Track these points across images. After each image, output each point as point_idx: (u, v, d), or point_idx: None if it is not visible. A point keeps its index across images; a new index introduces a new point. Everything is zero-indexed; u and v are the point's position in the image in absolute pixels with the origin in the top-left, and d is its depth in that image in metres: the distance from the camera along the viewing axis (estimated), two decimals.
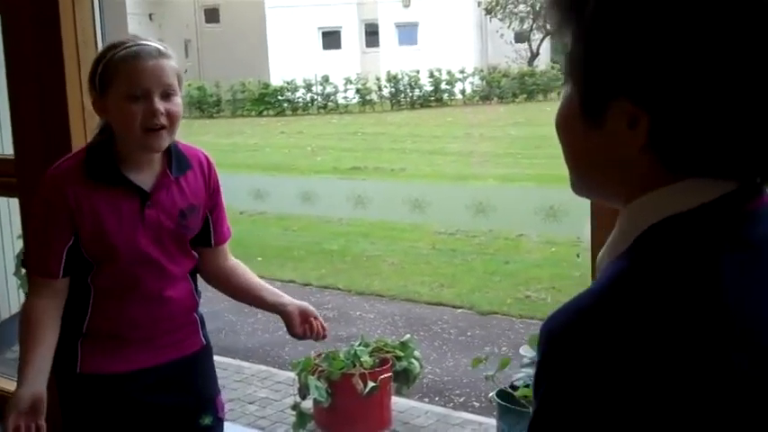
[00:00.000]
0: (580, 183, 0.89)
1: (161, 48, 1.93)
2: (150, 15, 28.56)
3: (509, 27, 27.09)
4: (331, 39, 28.79)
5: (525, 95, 21.48)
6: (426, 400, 4.78)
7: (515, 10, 26.74)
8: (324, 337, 2.07)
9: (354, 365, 3.99)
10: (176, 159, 2.01)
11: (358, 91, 22.62)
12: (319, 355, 4.16)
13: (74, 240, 1.95)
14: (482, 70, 23.47)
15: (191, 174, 2.03)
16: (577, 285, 6.55)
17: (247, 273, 2.18)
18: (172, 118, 1.91)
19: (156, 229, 1.97)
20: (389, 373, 4.03)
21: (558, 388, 0.74)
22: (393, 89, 22.77)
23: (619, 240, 0.83)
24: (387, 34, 28.06)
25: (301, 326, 2.05)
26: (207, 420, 2.14)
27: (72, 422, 2.12)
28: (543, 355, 0.76)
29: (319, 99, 22.90)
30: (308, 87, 22.80)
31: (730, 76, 0.74)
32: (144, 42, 1.93)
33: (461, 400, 4.84)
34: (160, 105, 1.89)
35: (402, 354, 4.12)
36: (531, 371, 3.57)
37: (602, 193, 0.88)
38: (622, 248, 0.81)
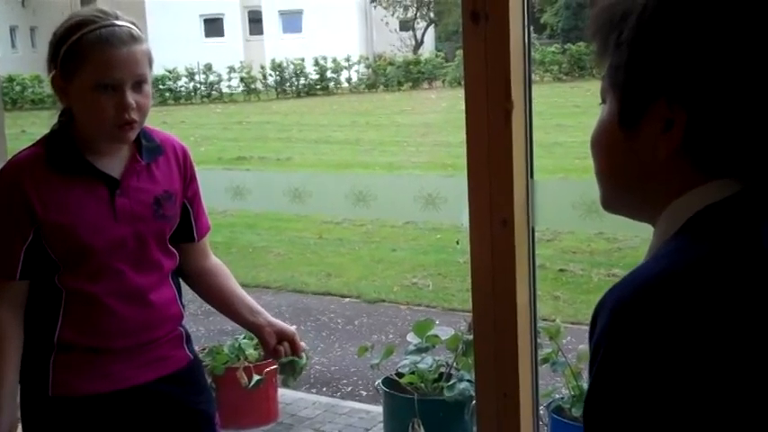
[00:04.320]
0: (613, 198, 0.93)
1: (133, 31, 1.74)
2: (23, 1, 27.43)
3: (393, 15, 27.27)
4: (213, 26, 28.29)
5: (410, 83, 21.65)
6: (314, 390, 4.74)
7: None
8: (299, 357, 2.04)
9: (239, 359, 3.92)
10: (147, 144, 1.84)
11: (242, 80, 22.31)
12: (203, 349, 4.07)
13: (34, 238, 1.75)
14: (367, 58, 23.52)
15: (162, 160, 1.86)
16: (461, 271, 6.64)
17: (228, 278, 2.05)
18: (142, 111, 1.75)
19: (130, 218, 1.80)
20: (275, 366, 3.98)
21: (625, 356, 0.76)
22: (278, 77, 22.57)
23: (661, 241, 0.86)
24: (270, 22, 27.78)
25: (275, 349, 2.04)
26: None
27: None
28: (608, 323, 0.78)
29: (202, 88, 22.48)
30: (191, 76, 22.34)
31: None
32: (115, 23, 1.73)
33: (349, 389, 4.82)
34: (131, 99, 1.72)
35: None
36: (416, 357, 3.58)
37: (635, 206, 0.92)
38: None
